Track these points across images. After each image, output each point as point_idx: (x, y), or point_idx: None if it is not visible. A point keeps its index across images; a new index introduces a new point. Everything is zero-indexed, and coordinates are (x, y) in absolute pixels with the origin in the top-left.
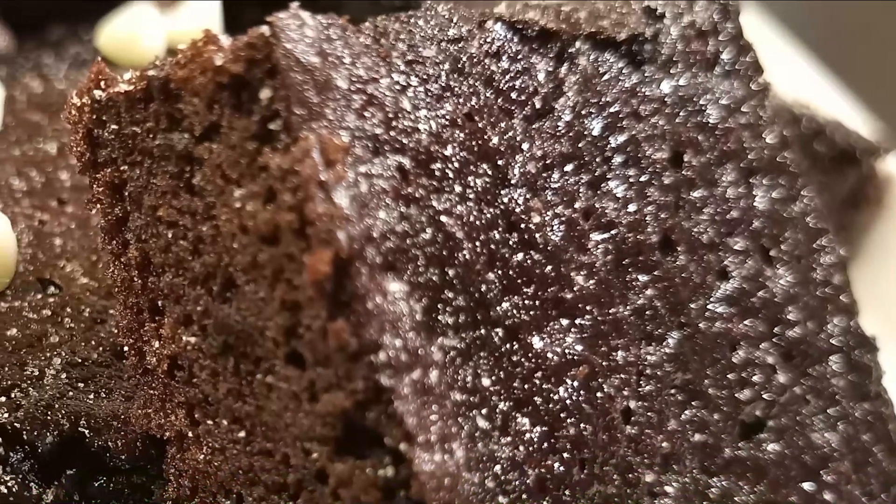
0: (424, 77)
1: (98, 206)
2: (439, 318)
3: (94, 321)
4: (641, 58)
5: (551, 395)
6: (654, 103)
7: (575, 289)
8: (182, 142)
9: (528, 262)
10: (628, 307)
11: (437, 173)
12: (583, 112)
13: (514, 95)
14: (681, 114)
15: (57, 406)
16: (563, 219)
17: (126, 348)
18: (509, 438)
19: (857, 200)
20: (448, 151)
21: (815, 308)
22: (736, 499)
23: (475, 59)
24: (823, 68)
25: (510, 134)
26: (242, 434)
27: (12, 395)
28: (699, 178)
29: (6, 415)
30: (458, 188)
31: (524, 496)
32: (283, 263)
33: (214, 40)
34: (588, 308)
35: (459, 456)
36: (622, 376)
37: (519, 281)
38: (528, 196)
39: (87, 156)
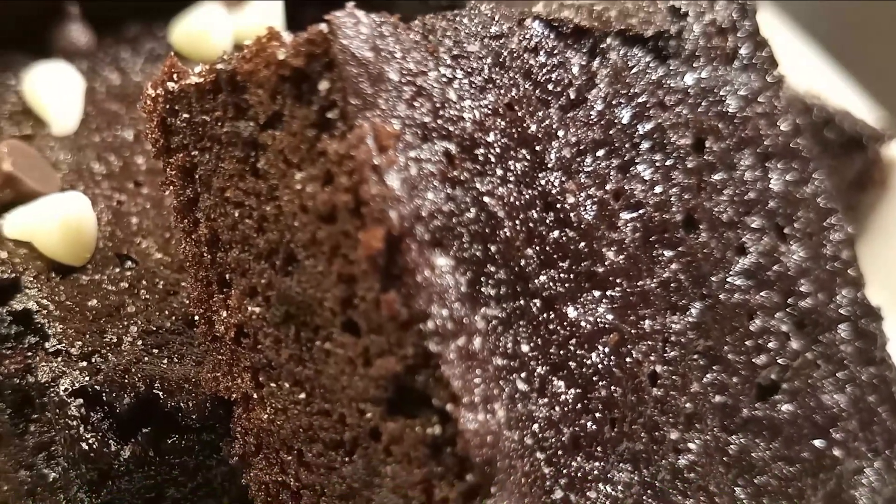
0: (469, 70)
1: (171, 187)
2: (482, 290)
3: (167, 293)
4: (667, 53)
5: (584, 360)
6: (678, 94)
7: (606, 263)
8: (248, 129)
9: (564, 238)
10: (655, 280)
11: (481, 158)
12: (613, 102)
13: (550, 87)
14: (703, 104)
15: (133, 370)
16: (595, 199)
17: (196, 317)
18: (546, 400)
19: (864, 183)
20: (490, 138)
21: (825, 281)
22: (753, 454)
23: (515, 54)
24: (833, 62)
25: (547, 122)
26: (303, 395)
27: (93, 360)
28: (719, 162)
29: (87, 378)
30: (499, 171)
31: (559, 452)
32: (340, 240)
33: (277, 37)
34: (618, 281)
35: (501, 415)
36: (649, 343)
37: (555, 256)
38: (563, 179)
39: (161, 142)
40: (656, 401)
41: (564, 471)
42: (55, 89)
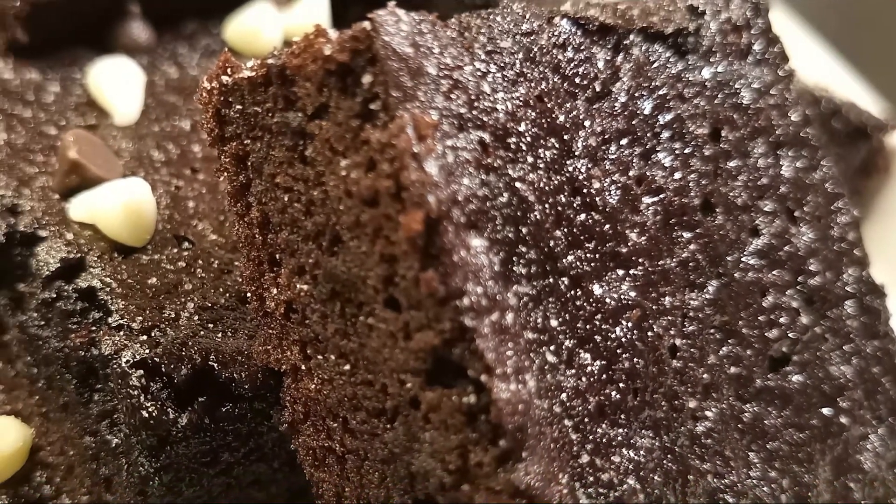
0: (501, 65)
1: (225, 173)
2: (514, 268)
3: (221, 271)
4: (685, 48)
5: (609, 334)
6: (696, 87)
7: (629, 244)
8: (296, 120)
9: (590, 221)
10: (674, 259)
11: (513, 146)
12: (636, 94)
13: (577, 80)
14: (719, 96)
15: (190, 343)
16: (619, 185)
17: (249, 294)
18: (573, 371)
19: (868, 169)
20: (522, 128)
21: (832, 260)
22: (766, 422)
23: (545, 50)
24: (840, 57)
25: (574, 113)
26: (347, 367)
27: (153, 335)
28: (734, 150)
29: (147, 351)
30: (530, 159)
31: (586, 419)
32: (382, 222)
33: (324, 34)
34: (640, 260)
35: (531, 386)
36: (669, 318)
37: (582, 237)
38: (589, 165)
39: (215, 131)
40: (676, 372)
41: (590, 437)
42: (117, 83)
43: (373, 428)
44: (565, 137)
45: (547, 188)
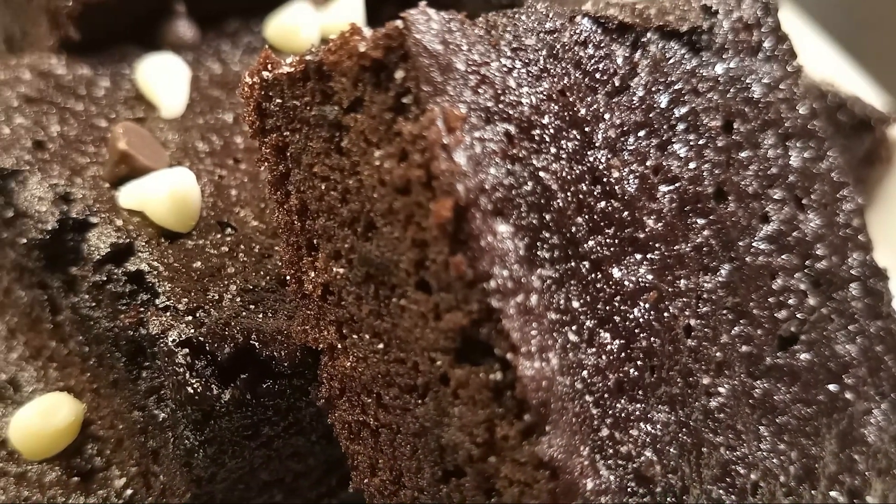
0: (526, 61)
1: (266, 163)
2: (538, 253)
3: (262, 256)
4: (700, 46)
5: (627, 314)
6: (709, 82)
7: (646, 230)
8: (333, 113)
9: (609, 208)
10: (689, 244)
11: (537, 138)
12: (653, 89)
13: (597, 75)
14: (731, 90)
15: (233, 323)
16: (637, 174)
17: (288, 277)
18: (594, 349)
19: (872, 160)
20: (545, 120)
21: (838, 245)
22: (775, 397)
23: (567, 47)
24: (845, 54)
25: (595, 106)
26: (381, 346)
27: (197, 315)
28: (746, 141)
29: (192, 330)
30: (553, 150)
31: (606, 395)
32: (414, 209)
33: (359, 31)
34: (657, 245)
35: (554, 363)
36: (684, 300)
37: (602, 223)
38: (609, 156)
39: (256, 124)
40: (690, 350)
41: (610, 412)
42: (164, 78)
43: (405, 403)
44: (586, 129)
45: (569, 177)
